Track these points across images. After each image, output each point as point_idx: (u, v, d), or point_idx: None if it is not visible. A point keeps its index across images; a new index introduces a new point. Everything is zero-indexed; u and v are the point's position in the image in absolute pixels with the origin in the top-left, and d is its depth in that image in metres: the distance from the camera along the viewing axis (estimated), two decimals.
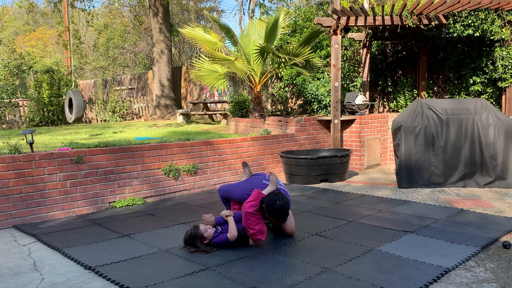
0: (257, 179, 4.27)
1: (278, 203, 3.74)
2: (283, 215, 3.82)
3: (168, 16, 14.64)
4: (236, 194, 4.19)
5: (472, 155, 6.19)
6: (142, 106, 16.19)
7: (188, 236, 3.78)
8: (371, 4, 8.05)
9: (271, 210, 3.74)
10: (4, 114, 14.17)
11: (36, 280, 3.23)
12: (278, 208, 3.74)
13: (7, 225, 4.71)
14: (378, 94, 10.42)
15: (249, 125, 8.53)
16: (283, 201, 3.79)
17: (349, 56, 9.99)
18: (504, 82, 7.60)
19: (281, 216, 3.81)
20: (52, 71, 15.20)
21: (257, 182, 4.18)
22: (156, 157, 5.91)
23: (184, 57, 25.76)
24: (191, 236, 3.76)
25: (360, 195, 5.90)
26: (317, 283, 3.05)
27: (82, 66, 23.31)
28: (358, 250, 3.72)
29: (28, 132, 5.13)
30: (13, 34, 32.53)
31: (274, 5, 19.74)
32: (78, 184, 5.22)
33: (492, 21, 7.18)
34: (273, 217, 3.80)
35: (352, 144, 7.98)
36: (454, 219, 4.62)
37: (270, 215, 3.77)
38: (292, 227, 4.00)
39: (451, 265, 3.34)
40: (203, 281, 3.11)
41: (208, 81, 8.90)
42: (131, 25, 22.75)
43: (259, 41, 8.55)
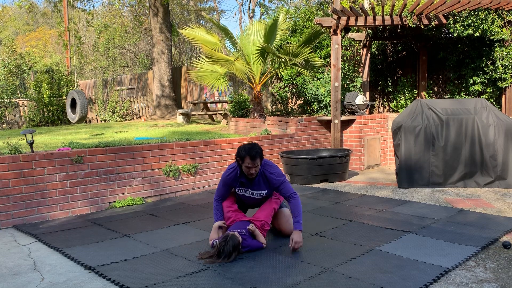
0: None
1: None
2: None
3: (168, 16, 14.65)
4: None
5: (472, 155, 6.19)
6: (142, 106, 16.19)
7: (232, 248, 3.46)
8: (371, 4, 8.05)
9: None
10: (4, 114, 14.17)
11: (36, 280, 3.23)
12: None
13: (7, 225, 4.71)
14: (378, 94, 10.42)
15: (249, 125, 8.53)
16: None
17: (349, 56, 9.99)
18: (504, 82, 7.60)
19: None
20: (52, 71, 15.21)
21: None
22: (156, 157, 5.91)
23: (184, 57, 25.76)
24: (234, 247, 3.48)
25: (360, 195, 5.90)
26: (317, 283, 3.05)
27: (82, 66, 23.30)
28: (358, 250, 3.72)
29: (28, 132, 5.13)
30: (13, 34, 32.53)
31: (274, 5, 19.74)
32: (78, 184, 5.22)
33: (492, 21, 7.18)
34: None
35: (352, 144, 7.98)
36: (454, 219, 4.62)
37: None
38: (290, 228, 4.00)
39: (451, 265, 3.34)
40: (203, 281, 3.11)
41: (208, 81, 8.91)
42: (131, 25, 22.75)
43: (259, 41, 8.55)
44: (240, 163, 3.83)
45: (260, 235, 3.79)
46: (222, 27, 8.79)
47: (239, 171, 3.92)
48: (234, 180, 3.97)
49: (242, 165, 3.82)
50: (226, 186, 4.02)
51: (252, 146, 3.80)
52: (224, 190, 4.04)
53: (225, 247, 3.46)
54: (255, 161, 3.78)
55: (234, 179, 3.97)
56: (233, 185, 4.03)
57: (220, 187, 4.05)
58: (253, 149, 3.77)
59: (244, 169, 3.82)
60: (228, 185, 4.01)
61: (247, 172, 3.83)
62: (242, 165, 3.82)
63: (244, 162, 3.78)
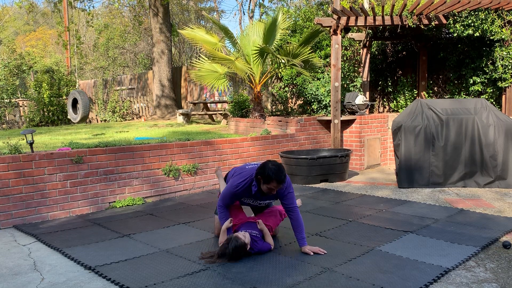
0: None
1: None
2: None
3: (168, 16, 14.64)
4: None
5: (472, 155, 6.19)
6: (142, 106, 16.19)
7: (233, 249, 3.44)
8: (371, 4, 8.05)
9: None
10: (4, 114, 14.17)
11: (36, 280, 3.23)
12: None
13: (7, 225, 4.71)
14: (378, 94, 10.42)
15: (249, 125, 8.53)
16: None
17: (349, 56, 9.99)
18: (504, 82, 7.60)
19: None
20: (52, 71, 15.21)
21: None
22: (156, 157, 5.91)
23: (184, 57, 25.76)
24: (236, 248, 3.44)
25: (360, 195, 5.90)
26: (317, 283, 3.05)
27: (82, 66, 23.30)
28: (358, 250, 3.71)
29: (28, 132, 5.13)
30: (13, 34, 32.53)
31: (274, 5, 19.74)
32: (78, 184, 5.22)
33: (492, 21, 7.18)
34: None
35: (352, 144, 7.98)
36: (454, 219, 4.62)
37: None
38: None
39: (451, 265, 3.34)
40: (203, 281, 3.11)
41: (208, 81, 8.91)
42: (131, 25, 22.74)
43: (259, 41, 8.55)
44: (261, 182, 3.59)
45: (269, 234, 3.78)
46: (222, 27, 8.79)
47: (256, 188, 3.68)
48: (245, 195, 3.79)
49: (263, 185, 3.58)
50: (234, 199, 3.84)
51: (279, 169, 3.55)
52: (231, 201, 3.86)
53: (227, 249, 3.45)
54: (282, 185, 3.61)
55: (247, 194, 3.78)
56: (242, 197, 3.84)
57: (226, 197, 3.82)
58: (281, 173, 3.54)
59: (265, 188, 3.59)
60: (237, 198, 3.83)
61: (266, 191, 3.61)
62: (264, 185, 3.58)
63: (270, 184, 3.54)
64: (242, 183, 3.74)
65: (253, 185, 3.71)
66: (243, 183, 3.73)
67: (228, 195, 3.81)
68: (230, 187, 3.79)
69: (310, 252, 3.62)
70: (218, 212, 3.88)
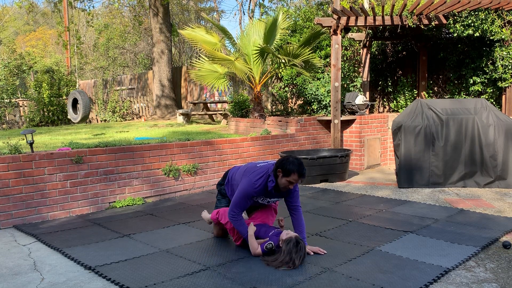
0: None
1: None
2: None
3: (168, 16, 14.64)
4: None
5: (472, 155, 6.19)
6: (142, 106, 16.19)
7: (299, 249, 3.36)
8: (371, 4, 8.05)
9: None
10: (4, 114, 14.17)
11: (36, 280, 3.23)
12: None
13: (7, 225, 4.71)
14: (378, 94, 10.42)
15: (249, 125, 8.53)
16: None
17: (349, 56, 9.99)
18: (504, 82, 7.60)
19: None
20: (52, 71, 15.20)
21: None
22: (156, 157, 5.91)
23: (184, 57, 25.76)
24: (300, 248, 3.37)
25: (360, 195, 5.90)
26: (317, 283, 3.05)
27: (82, 66, 23.30)
28: (358, 250, 3.71)
29: (28, 132, 5.12)
30: (13, 34, 32.53)
31: (274, 5, 19.73)
32: (78, 184, 5.22)
33: (492, 21, 7.18)
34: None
35: (352, 144, 7.98)
36: (454, 219, 4.62)
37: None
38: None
39: (451, 265, 3.34)
40: (203, 281, 3.11)
41: (208, 81, 8.91)
42: (131, 25, 22.74)
43: (259, 41, 8.55)
44: (280, 175, 3.49)
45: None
46: (221, 28, 8.80)
47: (274, 184, 3.54)
48: (260, 193, 3.62)
49: (282, 178, 3.48)
50: (250, 201, 3.64)
51: (300, 162, 3.48)
52: (247, 203, 3.65)
53: (295, 253, 3.35)
54: (301, 180, 3.53)
55: (261, 192, 3.62)
56: (257, 196, 3.66)
57: (242, 200, 3.60)
58: (303, 166, 3.47)
59: (284, 182, 3.48)
60: (252, 198, 3.64)
61: (285, 185, 3.50)
62: (283, 178, 3.47)
63: (290, 177, 3.44)
64: (259, 180, 3.57)
65: (269, 181, 3.55)
66: (261, 180, 3.57)
67: (244, 197, 3.60)
68: (247, 186, 3.58)
69: (310, 252, 3.61)
70: (233, 221, 3.64)
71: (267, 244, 3.50)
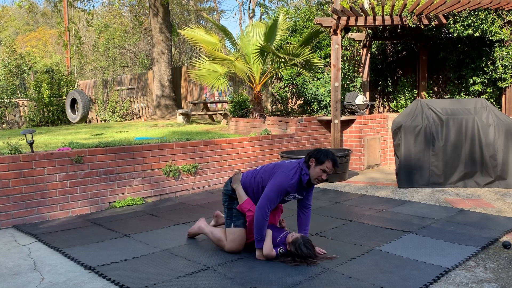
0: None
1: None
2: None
3: (168, 16, 14.65)
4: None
5: (472, 155, 6.19)
6: (142, 106, 16.19)
7: (307, 248, 3.41)
8: (371, 4, 8.05)
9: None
10: (4, 114, 14.17)
11: (36, 280, 3.23)
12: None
13: (7, 225, 4.71)
14: (378, 94, 10.42)
15: (249, 125, 8.54)
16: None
17: (349, 56, 9.99)
18: (504, 82, 7.60)
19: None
20: (52, 71, 15.20)
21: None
22: (156, 157, 5.91)
23: (184, 57, 25.76)
24: (307, 247, 3.42)
25: (360, 195, 5.90)
26: (317, 283, 3.05)
27: (82, 66, 23.30)
28: (358, 250, 3.71)
29: (28, 132, 5.12)
30: (13, 34, 32.53)
31: (274, 5, 19.74)
32: (78, 184, 5.22)
33: (492, 21, 7.18)
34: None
35: (352, 144, 7.98)
36: (454, 219, 4.63)
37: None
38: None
39: (451, 265, 3.34)
40: (203, 281, 3.11)
41: (208, 81, 8.91)
42: (131, 25, 22.74)
43: (259, 41, 8.55)
44: (312, 165, 3.48)
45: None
46: (221, 28, 8.80)
47: (308, 176, 3.50)
48: (295, 187, 3.53)
49: (316, 167, 3.47)
50: (282, 195, 3.51)
51: (334, 153, 3.55)
52: (279, 199, 3.51)
53: (307, 250, 3.41)
54: (335, 169, 3.53)
55: (297, 186, 3.53)
56: (289, 192, 3.54)
57: (276, 195, 3.46)
58: (335, 156, 3.52)
59: (318, 171, 3.46)
60: (286, 193, 3.52)
61: (318, 176, 3.48)
62: (317, 167, 3.46)
63: (323, 164, 3.45)
64: (294, 174, 3.50)
65: (303, 174, 3.50)
66: (295, 173, 3.51)
67: (279, 191, 3.46)
68: (284, 180, 3.45)
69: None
70: (261, 220, 3.45)
71: (279, 249, 3.53)
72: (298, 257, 3.39)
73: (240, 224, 3.66)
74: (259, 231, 3.48)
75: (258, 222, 3.46)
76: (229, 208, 3.75)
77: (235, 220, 3.68)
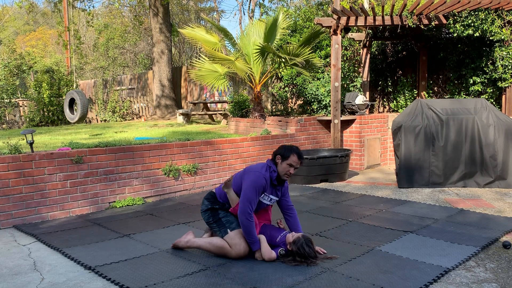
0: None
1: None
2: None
3: (168, 16, 14.65)
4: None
5: (472, 155, 6.19)
6: (142, 106, 16.19)
7: (308, 247, 3.43)
8: (371, 4, 8.05)
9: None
10: (4, 114, 14.17)
11: (36, 280, 3.23)
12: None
13: (7, 225, 4.71)
14: (378, 94, 10.42)
15: (249, 125, 8.53)
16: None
17: (349, 56, 9.99)
18: (504, 82, 7.60)
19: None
20: (52, 71, 15.20)
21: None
22: (156, 157, 5.91)
23: (184, 57, 25.76)
24: (309, 245, 3.44)
25: (360, 195, 5.90)
26: (317, 283, 3.05)
27: (82, 66, 23.30)
28: (358, 250, 3.71)
29: (28, 132, 5.12)
30: (13, 34, 32.53)
31: (274, 5, 19.74)
32: (78, 184, 5.22)
33: (492, 21, 7.18)
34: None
35: (352, 144, 7.98)
36: (454, 219, 4.62)
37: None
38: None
39: (451, 265, 3.34)
40: (203, 281, 3.11)
41: (208, 81, 8.91)
42: (131, 25, 22.74)
43: (259, 41, 8.55)
44: (279, 162, 3.56)
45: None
46: (221, 28, 8.80)
47: (276, 173, 3.57)
48: (267, 187, 3.56)
49: (283, 163, 3.55)
50: (259, 192, 3.52)
51: (297, 147, 3.65)
52: (257, 198, 3.52)
53: (309, 249, 3.42)
54: (302, 161, 3.61)
55: (268, 185, 3.57)
56: (264, 191, 3.58)
57: (253, 195, 3.46)
58: (299, 149, 3.62)
59: (285, 167, 3.54)
60: (260, 192, 3.53)
61: (286, 171, 3.55)
62: (283, 163, 3.54)
63: (289, 160, 3.53)
64: (264, 170, 3.55)
65: (272, 171, 3.57)
66: (266, 170, 3.56)
67: (256, 189, 3.47)
68: (257, 177, 3.49)
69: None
70: (247, 222, 3.44)
71: (280, 251, 3.52)
72: (299, 257, 3.40)
73: (236, 226, 3.60)
74: (249, 235, 3.48)
75: (244, 227, 3.46)
76: (216, 220, 3.68)
77: (228, 226, 3.61)
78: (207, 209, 3.73)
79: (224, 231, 3.61)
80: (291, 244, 3.46)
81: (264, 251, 3.48)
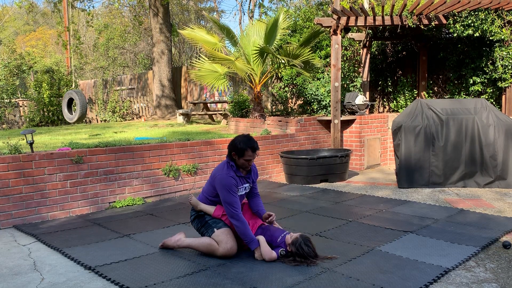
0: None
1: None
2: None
3: (168, 16, 14.65)
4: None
5: (472, 155, 6.19)
6: (142, 106, 16.19)
7: (308, 247, 3.43)
8: (371, 4, 8.05)
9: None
10: (4, 114, 14.17)
11: (36, 280, 3.23)
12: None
13: (7, 225, 4.71)
14: (378, 94, 10.42)
15: (249, 125, 8.53)
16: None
17: (349, 56, 9.99)
18: (504, 82, 7.60)
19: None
20: (52, 71, 15.21)
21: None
22: (156, 157, 5.91)
23: (184, 57, 25.76)
24: (308, 245, 3.44)
25: (360, 195, 5.90)
26: (317, 283, 3.05)
27: (82, 66, 23.30)
28: (358, 250, 3.71)
29: (28, 132, 5.12)
30: (13, 34, 32.53)
31: (274, 5, 19.74)
32: (78, 184, 5.22)
33: (492, 21, 7.18)
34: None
35: (352, 144, 7.98)
36: (454, 219, 4.62)
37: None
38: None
39: (451, 265, 3.34)
40: (203, 281, 3.11)
41: (208, 81, 8.91)
42: (131, 25, 22.75)
43: (259, 41, 8.55)
44: (236, 158, 3.64)
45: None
46: (223, 26, 8.79)
47: (235, 168, 3.67)
48: (236, 180, 3.65)
49: (240, 159, 3.63)
50: (235, 190, 3.60)
51: (249, 138, 3.66)
52: (236, 196, 3.60)
53: (308, 249, 3.43)
54: (256, 153, 3.67)
55: (237, 179, 3.66)
56: (237, 185, 3.66)
57: (233, 193, 3.55)
58: (252, 141, 3.64)
59: (242, 162, 3.63)
60: (236, 189, 3.61)
61: (244, 165, 3.65)
62: (240, 159, 3.62)
63: (244, 155, 3.60)
64: (226, 168, 3.64)
65: (231, 165, 3.67)
66: (227, 169, 3.64)
67: (229, 190, 3.55)
68: (224, 178, 3.57)
69: (271, 215, 3.76)
70: (239, 224, 3.52)
71: (280, 251, 3.52)
72: (299, 257, 3.40)
73: (222, 225, 3.63)
74: (245, 235, 3.54)
75: (238, 228, 3.54)
76: (204, 224, 3.73)
77: (215, 226, 3.64)
78: (194, 217, 3.82)
79: (211, 230, 3.66)
80: (290, 245, 3.47)
81: (264, 251, 3.49)
